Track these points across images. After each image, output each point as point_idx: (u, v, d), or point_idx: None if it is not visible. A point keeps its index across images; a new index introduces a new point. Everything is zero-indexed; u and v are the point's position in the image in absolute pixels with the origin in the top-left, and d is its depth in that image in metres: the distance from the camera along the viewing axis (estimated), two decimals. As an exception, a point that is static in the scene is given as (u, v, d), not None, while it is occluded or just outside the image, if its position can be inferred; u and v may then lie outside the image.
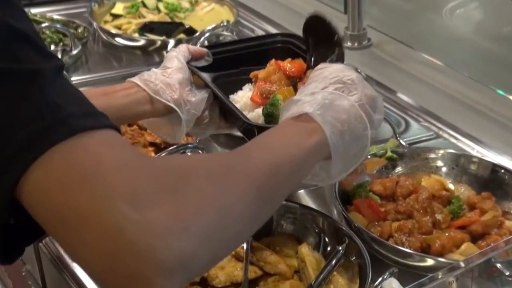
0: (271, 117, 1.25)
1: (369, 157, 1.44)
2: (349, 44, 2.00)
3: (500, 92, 1.75)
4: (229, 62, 1.36)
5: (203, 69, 1.32)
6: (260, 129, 1.20)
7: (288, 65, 1.35)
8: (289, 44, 1.42)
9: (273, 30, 2.07)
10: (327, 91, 1.03)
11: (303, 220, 1.31)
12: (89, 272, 0.71)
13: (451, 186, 1.41)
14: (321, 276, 1.18)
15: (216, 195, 0.75)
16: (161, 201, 0.70)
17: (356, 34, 2.00)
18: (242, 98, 1.32)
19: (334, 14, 2.12)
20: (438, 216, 1.34)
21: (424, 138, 1.63)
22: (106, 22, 2.14)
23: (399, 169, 1.45)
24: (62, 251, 1.31)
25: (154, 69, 1.24)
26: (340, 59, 1.20)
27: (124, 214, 0.67)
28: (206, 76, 1.31)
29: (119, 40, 2.03)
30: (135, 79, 1.21)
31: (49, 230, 0.71)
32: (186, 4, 2.20)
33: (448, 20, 1.98)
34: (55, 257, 1.31)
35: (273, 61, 1.35)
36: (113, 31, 2.05)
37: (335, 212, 1.37)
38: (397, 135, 1.53)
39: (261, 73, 1.34)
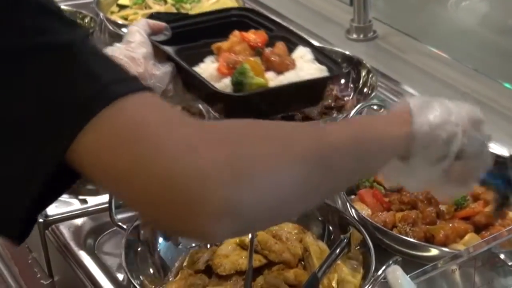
0: (240, 85, 1.28)
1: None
2: (354, 36, 2.00)
3: (506, 85, 1.75)
4: (188, 35, 1.38)
5: (165, 43, 1.34)
6: (229, 97, 1.23)
7: (253, 36, 1.39)
8: (244, 18, 1.46)
9: (278, 21, 2.07)
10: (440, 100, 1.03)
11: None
12: (145, 217, 0.81)
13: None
14: (325, 264, 1.19)
15: (272, 154, 0.78)
16: (214, 151, 0.74)
17: (362, 26, 2.00)
18: (206, 70, 1.35)
19: (340, 6, 2.13)
20: (442, 207, 1.35)
21: (428, 130, 1.64)
22: (112, 12, 2.15)
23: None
24: (68, 238, 1.32)
25: (117, 44, 1.26)
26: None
27: (175, 162, 0.72)
28: (169, 49, 1.33)
29: (125, 30, 2.03)
30: None
31: (103, 185, 0.76)
32: (192, -5, 2.21)
33: (453, 12, 1.98)
34: (61, 244, 1.33)
35: (236, 32, 1.38)
36: (120, 21, 2.05)
37: (339, 202, 1.38)
38: (402, 126, 1.54)
39: (224, 44, 1.37)
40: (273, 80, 1.37)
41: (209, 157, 0.73)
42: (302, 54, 1.43)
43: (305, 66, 1.40)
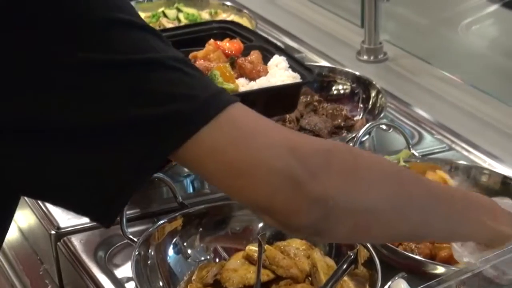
0: None
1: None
2: (365, 57, 2.03)
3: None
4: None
5: None
6: None
7: (227, 44, 1.44)
8: (225, 30, 1.49)
9: (290, 42, 2.10)
10: None
11: (315, 226, 1.34)
12: (254, 208, 0.89)
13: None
14: (332, 280, 1.20)
15: (363, 170, 0.91)
16: (316, 156, 0.87)
17: (372, 47, 2.03)
18: None
19: (351, 28, 2.16)
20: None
21: (436, 150, 1.65)
22: (127, 31, 2.18)
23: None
24: (79, 250, 1.34)
25: None
26: None
27: (286, 160, 0.85)
28: None
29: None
30: None
31: (216, 182, 0.87)
32: (205, 15, 2.24)
33: (463, 36, 2.00)
34: (73, 256, 1.35)
35: (211, 41, 1.42)
36: (134, 40, 2.08)
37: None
38: (410, 146, 1.56)
39: (200, 53, 1.41)
40: (245, 86, 1.41)
41: (312, 157, 0.87)
42: (277, 62, 1.46)
43: (278, 73, 1.43)
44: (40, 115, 0.79)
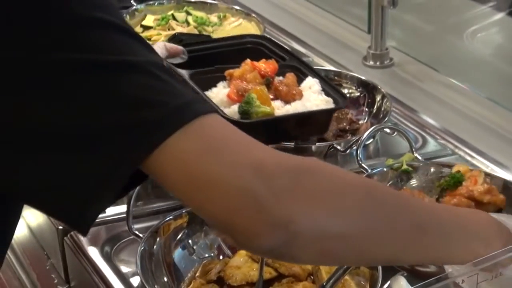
0: (246, 114, 1.34)
1: (384, 169, 1.49)
2: (371, 62, 2.05)
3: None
4: (203, 60, 1.43)
5: (179, 66, 1.39)
6: (237, 124, 1.28)
7: (263, 65, 1.45)
8: (259, 46, 1.52)
9: (297, 47, 2.12)
10: None
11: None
12: (214, 226, 0.86)
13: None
14: (333, 278, 1.22)
15: (333, 194, 0.85)
16: (283, 175, 0.82)
17: (379, 53, 2.04)
18: (217, 94, 1.41)
19: (358, 33, 2.18)
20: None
21: (440, 154, 1.67)
22: (136, 33, 2.20)
23: (413, 181, 1.49)
24: (85, 245, 1.36)
25: None
26: None
27: (248, 181, 0.81)
28: (183, 72, 1.39)
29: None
30: None
31: (178, 193, 0.83)
32: (214, 19, 2.26)
33: (469, 43, 2.02)
34: (79, 250, 1.37)
35: (248, 61, 1.44)
36: (143, 41, 2.10)
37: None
38: (413, 150, 1.58)
39: (236, 72, 1.43)
40: (280, 109, 1.44)
41: (277, 179, 0.82)
42: (310, 85, 1.50)
43: (312, 97, 1.47)
44: (11, 118, 0.78)
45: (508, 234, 1.01)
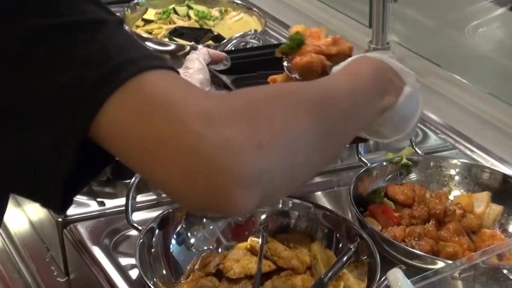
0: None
1: (384, 163, 1.49)
2: (372, 57, 2.04)
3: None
4: (246, 66, 1.43)
5: (222, 72, 1.39)
6: None
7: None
8: None
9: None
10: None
11: (316, 219, 1.36)
12: (170, 192, 0.77)
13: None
14: (332, 271, 1.22)
15: (284, 119, 0.80)
16: (234, 121, 0.75)
17: (380, 48, 2.04)
18: None
19: (359, 28, 2.17)
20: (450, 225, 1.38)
21: (440, 149, 1.67)
22: (137, 26, 2.21)
23: (413, 175, 1.49)
24: (85, 237, 1.37)
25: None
26: None
27: (199, 134, 0.73)
28: (226, 78, 1.38)
29: (149, 44, 2.09)
30: None
31: (127, 159, 0.76)
32: (215, 13, 2.26)
33: (470, 38, 2.01)
34: (78, 243, 1.37)
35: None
36: (144, 35, 2.11)
37: (349, 216, 1.42)
38: (413, 144, 1.58)
39: (280, 77, 1.41)
40: None
41: (230, 128, 0.74)
42: None
43: None
44: None
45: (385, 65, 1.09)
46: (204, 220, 1.36)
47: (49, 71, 0.74)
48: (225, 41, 2.02)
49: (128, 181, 1.34)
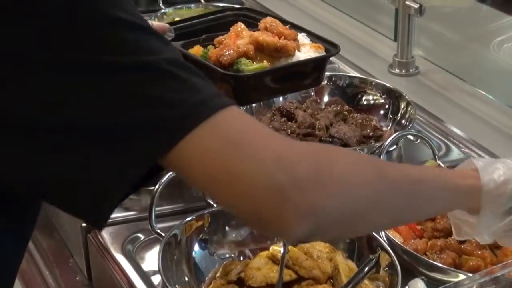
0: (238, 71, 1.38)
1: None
2: (397, 70, 2.05)
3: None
4: (190, 36, 1.47)
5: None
6: (235, 78, 1.36)
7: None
8: (240, 17, 1.54)
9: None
10: None
11: (339, 229, 1.36)
12: (237, 215, 0.88)
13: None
14: (353, 281, 1.23)
15: (348, 168, 0.90)
16: (301, 162, 0.85)
17: (404, 61, 2.05)
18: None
19: (384, 41, 2.18)
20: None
21: (462, 163, 1.67)
22: (164, 36, 2.22)
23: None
24: (108, 243, 1.38)
25: None
26: None
27: (271, 173, 0.83)
28: (176, 44, 1.43)
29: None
30: None
31: (198, 186, 0.87)
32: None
33: (495, 53, 2.01)
34: (102, 248, 1.38)
35: (238, 24, 1.50)
36: (170, 45, 2.12)
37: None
38: (436, 157, 1.58)
39: (225, 38, 1.46)
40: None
41: (297, 167, 0.84)
42: (300, 40, 1.52)
43: (303, 50, 1.48)
44: (35, 119, 0.79)
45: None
46: (227, 228, 1.37)
47: (126, 104, 0.80)
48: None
49: (152, 188, 1.36)
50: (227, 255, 1.35)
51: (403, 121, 1.74)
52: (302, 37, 1.54)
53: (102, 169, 0.81)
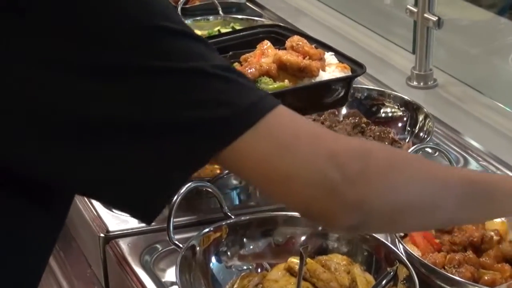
0: None
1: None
2: (415, 83, 2.05)
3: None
4: (220, 50, 1.47)
5: None
6: None
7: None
8: (271, 34, 1.54)
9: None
10: None
11: (356, 242, 1.36)
12: (289, 207, 0.95)
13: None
14: (371, 294, 1.23)
15: (394, 165, 0.93)
16: (352, 159, 0.89)
17: (423, 74, 2.05)
18: None
19: (402, 54, 2.18)
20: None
21: (481, 176, 1.66)
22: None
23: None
24: (126, 253, 1.39)
25: None
26: None
27: (323, 172, 0.87)
28: None
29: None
30: None
31: (252, 183, 0.99)
32: (259, 36, 2.28)
33: (514, 66, 2.01)
34: (120, 258, 1.39)
35: (265, 42, 1.50)
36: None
37: (389, 240, 1.41)
38: (455, 170, 1.57)
39: (251, 55, 1.46)
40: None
41: (347, 164, 0.88)
42: (327, 59, 1.53)
43: (329, 70, 1.49)
44: (96, 124, 0.82)
45: None
46: (244, 239, 1.37)
47: (180, 105, 0.84)
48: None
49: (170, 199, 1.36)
50: (245, 267, 1.35)
51: (421, 134, 1.73)
52: (330, 57, 1.53)
53: (158, 167, 0.84)
